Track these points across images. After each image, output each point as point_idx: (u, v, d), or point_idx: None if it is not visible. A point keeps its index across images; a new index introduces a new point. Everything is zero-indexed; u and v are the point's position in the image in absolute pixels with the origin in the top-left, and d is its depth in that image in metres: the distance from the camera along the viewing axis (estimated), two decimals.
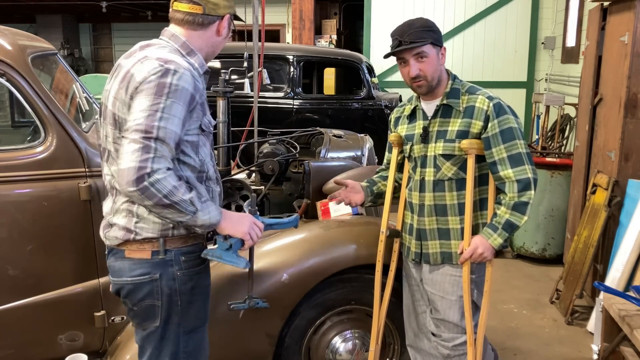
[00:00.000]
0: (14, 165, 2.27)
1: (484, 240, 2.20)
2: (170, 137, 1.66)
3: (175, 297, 1.83)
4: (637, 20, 3.36)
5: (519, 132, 2.20)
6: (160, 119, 1.64)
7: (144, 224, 1.80)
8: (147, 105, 1.65)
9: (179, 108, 1.68)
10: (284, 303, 2.46)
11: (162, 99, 1.65)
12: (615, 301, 2.67)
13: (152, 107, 1.64)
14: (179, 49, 1.85)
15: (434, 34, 2.20)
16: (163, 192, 1.62)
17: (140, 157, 1.60)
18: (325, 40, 10.05)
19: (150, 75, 1.68)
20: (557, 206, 4.57)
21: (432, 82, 2.23)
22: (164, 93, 1.66)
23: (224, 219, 1.79)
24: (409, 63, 2.20)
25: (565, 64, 7.19)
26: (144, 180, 1.60)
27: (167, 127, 1.65)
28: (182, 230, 1.82)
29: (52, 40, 5.79)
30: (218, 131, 3.29)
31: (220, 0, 1.90)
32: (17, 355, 2.37)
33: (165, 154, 1.64)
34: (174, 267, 1.82)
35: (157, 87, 1.66)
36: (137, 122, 1.64)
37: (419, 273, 2.39)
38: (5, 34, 2.37)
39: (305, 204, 2.92)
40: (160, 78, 1.67)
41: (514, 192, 2.17)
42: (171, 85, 1.67)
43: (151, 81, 1.67)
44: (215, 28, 1.90)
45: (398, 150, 2.44)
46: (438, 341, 2.34)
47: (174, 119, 1.66)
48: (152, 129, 1.63)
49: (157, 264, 1.81)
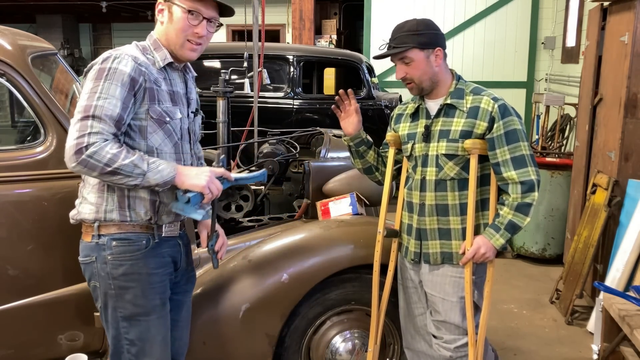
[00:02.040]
0: (14, 165, 2.27)
1: (486, 240, 2.20)
2: (106, 114, 1.76)
3: (109, 281, 1.91)
4: (637, 20, 3.36)
5: (522, 134, 2.20)
6: (98, 99, 1.77)
7: (84, 205, 1.93)
8: (88, 89, 1.80)
9: (116, 89, 1.79)
10: (284, 303, 2.46)
11: (100, 82, 1.79)
12: (615, 301, 2.67)
13: (92, 90, 1.78)
14: (147, 46, 1.95)
15: (420, 37, 2.19)
16: (103, 162, 1.73)
17: (78, 134, 1.74)
18: (325, 40, 10.05)
19: (95, 63, 1.84)
20: (557, 206, 4.57)
21: (421, 84, 2.24)
22: (103, 76, 1.80)
23: (181, 174, 1.85)
24: (397, 65, 2.26)
25: (565, 64, 7.18)
26: (82, 153, 1.72)
27: (104, 106, 1.76)
28: (114, 215, 1.90)
29: (52, 40, 5.78)
30: (218, 131, 3.29)
31: None
32: (17, 355, 2.37)
33: (101, 130, 1.75)
34: (105, 252, 1.91)
35: (98, 72, 1.81)
36: (79, 105, 1.78)
37: (418, 275, 2.38)
38: (5, 34, 2.37)
39: (305, 204, 2.92)
40: (102, 64, 1.82)
41: (518, 193, 2.17)
42: (109, 69, 1.80)
43: (94, 68, 1.83)
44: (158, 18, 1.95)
45: (395, 150, 2.44)
46: (439, 343, 2.33)
47: (111, 99, 1.78)
48: (89, 108, 1.76)
49: (94, 247, 1.92)
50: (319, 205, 2.85)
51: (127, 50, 1.89)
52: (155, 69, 1.91)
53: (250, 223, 3.06)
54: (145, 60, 1.89)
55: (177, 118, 1.96)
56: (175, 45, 1.93)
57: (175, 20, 1.90)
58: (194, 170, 1.90)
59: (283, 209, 3.25)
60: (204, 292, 2.43)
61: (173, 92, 1.97)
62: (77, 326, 2.42)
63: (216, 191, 1.89)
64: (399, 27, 2.24)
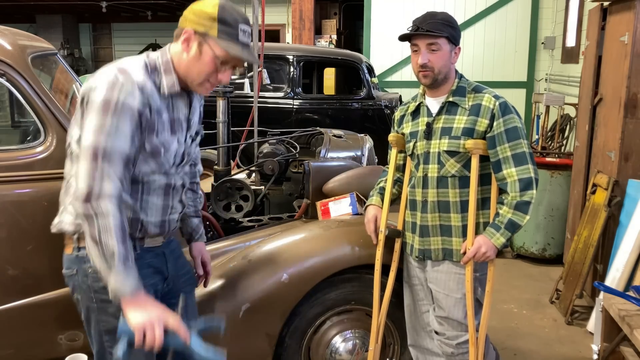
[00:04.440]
0: (14, 165, 2.27)
1: (487, 239, 2.21)
2: (116, 153, 1.67)
3: (90, 294, 1.84)
4: (637, 20, 3.36)
5: (522, 132, 2.22)
6: (107, 136, 1.66)
7: (65, 214, 1.85)
8: (94, 123, 1.66)
9: (124, 125, 1.68)
10: (284, 303, 2.46)
11: (107, 117, 1.66)
12: (615, 301, 2.67)
13: (99, 125, 1.66)
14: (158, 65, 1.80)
15: (452, 30, 2.22)
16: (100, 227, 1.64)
17: (88, 179, 1.65)
18: (325, 40, 10.05)
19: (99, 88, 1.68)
20: (557, 206, 4.57)
21: (439, 75, 2.24)
22: (110, 110, 1.66)
23: (133, 299, 1.66)
24: (420, 51, 2.22)
25: (565, 64, 7.19)
26: (90, 202, 1.64)
27: (113, 145, 1.67)
28: None
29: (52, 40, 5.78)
30: (218, 131, 3.29)
31: (187, 13, 1.78)
32: (17, 355, 2.37)
33: (111, 174, 1.66)
34: (86, 264, 1.81)
35: (104, 103, 1.66)
36: (86, 140, 1.67)
37: (423, 272, 2.39)
38: (5, 34, 2.37)
39: (305, 204, 2.92)
40: (107, 93, 1.67)
41: (516, 192, 2.18)
42: (117, 103, 1.66)
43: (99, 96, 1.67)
44: (180, 43, 1.78)
45: (397, 150, 2.44)
46: (442, 339, 2.34)
47: (120, 137, 1.67)
48: (98, 147, 1.66)
49: (74, 260, 1.85)
50: (319, 205, 2.85)
51: (134, 71, 1.73)
52: (159, 95, 1.78)
53: (250, 223, 3.06)
54: (151, 86, 1.75)
55: (172, 149, 1.85)
56: (193, 81, 1.81)
57: (203, 60, 1.76)
58: (148, 303, 1.69)
59: (283, 209, 3.25)
60: (204, 292, 2.43)
61: (174, 120, 1.85)
62: (77, 326, 2.40)
63: (152, 340, 1.64)
64: (432, 14, 2.24)
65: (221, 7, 1.75)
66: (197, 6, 1.77)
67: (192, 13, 1.77)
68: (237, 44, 1.76)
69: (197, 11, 1.76)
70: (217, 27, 1.74)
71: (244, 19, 1.79)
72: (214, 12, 1.73)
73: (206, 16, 1.74)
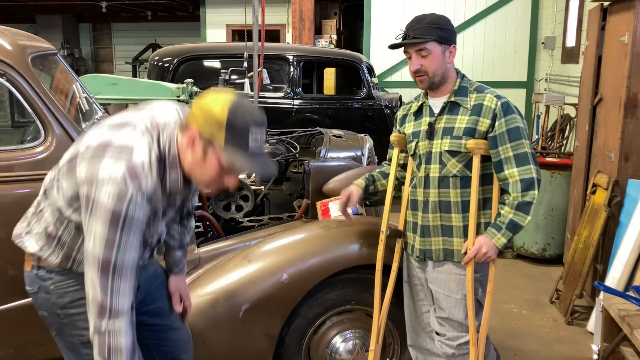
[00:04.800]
0: (14, 165, 2.27)
1: (488, 240, 2.21)
2: (128, 266, 1.61)
3: (57, 311, 1.77)
4: (637, 20, 3.36)
5: (525, 132, 2.22)
6: (117, 251, 1.58)
7: (29, 237, 1.79)
8: (102, 234, 1.57)
9: (134, 236, 1.60)
10: (284, 303, 2.46)
11: (117, 232, 1.57)
12: (615, 301, 2.67)
13: (109, 238, 1.57)
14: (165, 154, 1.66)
15: (440, 32, 2.20)
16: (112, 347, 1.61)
17: (102, 293, 1.59)
18: (325, 40, 10.04)
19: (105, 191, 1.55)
20: (557, 206, 4.57)
21: (434, 78, 2.24)
22: (119, 225, 1.56)
23: None
24: (412, 57, 2.23)
25: (565, 64, 7.18)
26: (104, 320, 1.60)
27: (124, 259, 1.60)
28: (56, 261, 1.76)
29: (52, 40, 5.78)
30: None
31: (194, 109, 1.63)
32: (17, 355, 2.37)
33: (124, 290, 1.61)
34: (46, 282, 1.78)
35: (112, 216, 1.55)
36: (94, 249, 1.58)
37: (424, 272, 2.39)
38: (5, 34, 2.37)
39: (305, 204, 2.92)
40: (116, 204, 1.55)
41: (518, 192, 2.18)
42: (127, 217, 1.56)
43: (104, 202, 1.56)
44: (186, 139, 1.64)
45: (399, 150, 2.44)
46: (442, 340, 2.34)
47: (130, 249, 1.60)
48: (109, 262, 1.58)
49: (34, 278, 1.79)
50: (319, 205, 2.85)
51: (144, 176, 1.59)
52: (162, 191, 1.68)
53: (250, 223, 3.06)
54: (159, 188, 1.64)
55: (159, 231, 1.79)
56: (197, 182, 1.72)
57: (207, 166, 1.63)
58: None
59: (283, 209, 3.25)
60: (204, 293, 2.43)
61: (169, 205, 1.77)
62: None
63: None
64: (419, 18, 2.23)
65: (231, 111, 1.57)
66: (207, 104, 1.60)
67: (200, 111, 1.60)
68: (245, 154, 1.59)
69: (205, 111, 1.59)
70: (225, 134, 1.57)
71: (256, 121, 1.61)
72: (223, 117, 1.56)
73: (213, 120, 1.57)
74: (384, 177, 2.53)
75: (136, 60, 12.08)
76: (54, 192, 1.75)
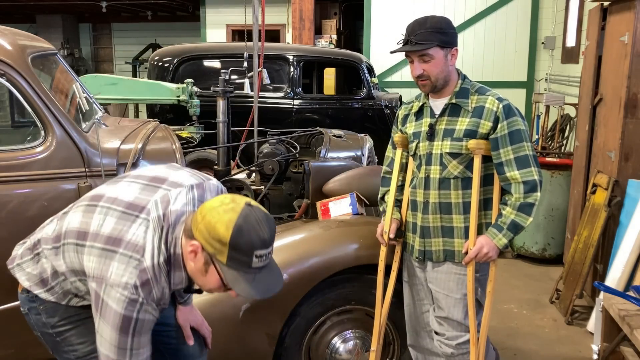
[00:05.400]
0: (14, 165, 2.27)
1: (489, 240, 2.21)
2: None
3: (49, 330, 1.77)
4: (637, 20, 3.36)
5: (526, 135, 2.22)
6: (130, 357, 1.58)
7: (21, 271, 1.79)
8: (113, 338, 1.56)
9: (145, 339, 1.60)
10: (284, 303, 2.46)
11: (128, 337, 1.56)
12: (615, 301, 2.67)
13: (120, 344, 1.56)
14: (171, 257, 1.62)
15: (442, 36, 2.19)
16: None
17: None
18: (325, 40, 10.04)
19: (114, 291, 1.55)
20: (557, 206, 4.57)
21: (437, 82, 2.23)
22: (130, 330, 1.55)
23: None
24: (414, 62, 2.22)
25: (565, 64, 7.18)
26: None
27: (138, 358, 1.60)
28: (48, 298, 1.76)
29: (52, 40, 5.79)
30: (218, 131, 3.29)
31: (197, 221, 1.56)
32: (17, 355, 2.37)
33: None
34: (36, 303, 1.77)
35: (123, 321, 1.54)
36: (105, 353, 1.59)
37: (424, 272, 2.39)
38: (5, 34, 2.37)
39: (305, 204, 2.92)
40: (126, 308, 1.54)
41: (520, 193, 2.18)
42: (137, 321, 1.56)
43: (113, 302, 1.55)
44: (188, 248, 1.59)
45: (402, 151, 2.43)
46: (441, 340, 2.34)
47: (142, 351, 1.60)
48: None
49: (25, 300, 1.80)
50: (319, 205, 2.85)
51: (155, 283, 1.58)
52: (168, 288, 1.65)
53: None
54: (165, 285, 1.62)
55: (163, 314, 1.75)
56: (198, 283, 1.67)
57: (208, 278, 1.59)
58: None
59: (283, 209, 3.25)
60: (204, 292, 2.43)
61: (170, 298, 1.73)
62: None
63: None
64: (420, 22, 2.21)
65: (236, 231, 1.50)
66: (212, 218, 1.53)
67: (204, 224, 1.53)
68: (248, 274, 1.54)
69: (209, 226, 1.52)
70: (227, 253, 1.51)
71: (262, 241, 1.53)
72: (226, 236, 1.50)
73: (217, 237, 1.51)
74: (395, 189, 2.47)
75: (136, 60, 12.07)
76: (53, 252, 1.72)
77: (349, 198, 2.80)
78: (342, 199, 2.82)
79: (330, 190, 2.86)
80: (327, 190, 2.86)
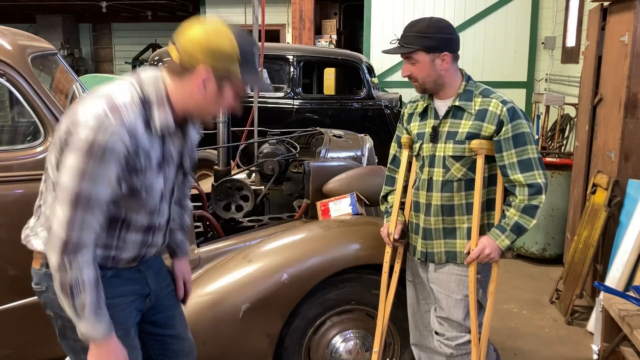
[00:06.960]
0: (14, 165, 2.27)
1: (492, 241, 2.21)
2: (96, 200, 1.54)
3: (62, 313, 1.70)
4: (637, 20, 3.36)
5: (530, 137, 2.20)
6: (87, 182, 1.52)
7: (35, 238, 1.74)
8: (74, 164, 1.52)
9: (106, 170, 1.53)
10: (284, 303, 2.46)
11: (88, 160, 1.51)
12: (615, 301, 2.67)
13: (79, 168, 1.52)
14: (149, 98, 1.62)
15: (427, 41, 2.17)
16: (73, 278, 1.55)
17: (67, 226, 1.53)
18: (325, 40, 10.05)
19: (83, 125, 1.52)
20: (557, 206, 4.57)
21: (425, 85, 2.24)
22: (92, 153, 1.50)
23: (103, 343, 1.61)
24: (405, 62, 2.25)
25: (565, 64, 7.18)
26: (67, 254, 1.54)
27: (91, 191, 1.53)
28: None
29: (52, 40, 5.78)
30: (218, 131, 3.29)
31: (196, 50, 1.58)
32: (17, 355, 2.38)
33: (90, 224, 1.55)
34: None
35: (86, 145, 1.50)
36: (64, 181, 1.54)
37: (426, 272, 2.39)
38: (5, 34, 2.37)
39: (305, 204, 2.92)
40: (91, 134, 1.50)
41: (525, 195, 2.18)
42: (99, 145, 1.51)
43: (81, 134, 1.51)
44: (192, 82, 1.61)
45: (408, 152, 2.42)
46: (441, 340, 2.34)
47: (101, 183, 1.54)
48: (77, 193, 1.52)
49: (44, 276, 1.72)
50: (319, 205, 2.85)
51: (125, 108, 1.56)
52: (150, 134, 1.62)
53: (250, 223, 3.06)
54: (142, 126, 1.59)
55: (157, 189, 1.70)
56: (203, 114, 1.72)
57: (224, 99, 1.65)
58: (114, 349, 1.64)
59: (283, 209, 3.25)
60: (204, 293, 2.43)
61: (163, 156, 1.70)
62: None
63: None
64: (411, 25, 2.22)
65: (240, 44, 1.59)
66: (210, 44, 1.58)
67: (203, 52, 1.57)
68: (256, 74, 1.68)
69: (212, 51, 1.57)
70: (240, 67, 1.60)
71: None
72: (235, 52, 1.58)
73: (226, 57, 1.58)
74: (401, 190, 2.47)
75: (136, 60, 12.07)
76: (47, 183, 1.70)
77: (349, 198, 2.80)
78: (342, 199, 2.82)
79: (330, 191, 2.86)
80: (327, 190, 2.86)
